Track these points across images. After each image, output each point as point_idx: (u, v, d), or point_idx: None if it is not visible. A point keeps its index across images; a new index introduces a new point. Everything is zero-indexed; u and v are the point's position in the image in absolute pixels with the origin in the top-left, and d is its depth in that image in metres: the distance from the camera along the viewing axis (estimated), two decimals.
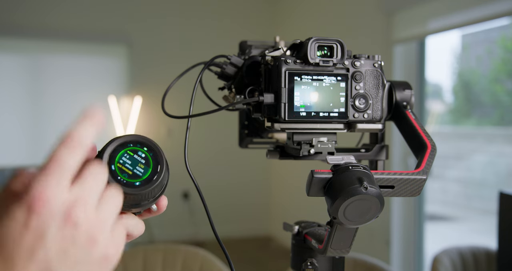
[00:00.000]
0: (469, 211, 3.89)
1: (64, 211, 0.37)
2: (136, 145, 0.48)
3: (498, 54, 3.35)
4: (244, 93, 0.67)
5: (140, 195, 0.47)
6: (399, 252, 3.04)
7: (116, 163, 0.47)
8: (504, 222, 1.57)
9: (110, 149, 0.47)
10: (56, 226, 0.37)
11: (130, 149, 0.48)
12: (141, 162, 0.48)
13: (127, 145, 0.48)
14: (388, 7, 2.98)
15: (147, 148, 0.49)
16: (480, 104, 3.57)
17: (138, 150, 0.48)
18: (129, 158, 0.47)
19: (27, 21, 4.16)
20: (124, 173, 0.47)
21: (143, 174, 0.47)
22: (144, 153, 0.48)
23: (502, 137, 3.36)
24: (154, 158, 0.48)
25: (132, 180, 0.47)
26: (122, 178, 0.47)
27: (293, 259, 0.75)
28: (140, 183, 0.47)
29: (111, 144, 0.48)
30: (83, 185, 0.40)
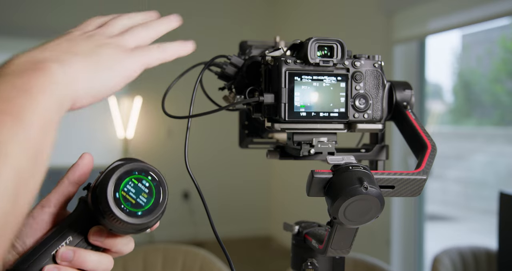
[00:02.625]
0: (469, 211, 3.89)
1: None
2: (141, 173, 0.48)
3: (498, 54, 3.35)
4: (244, 93, 0.67)
5: (140, 225, 0.47)
6: (399, 252, 3.04)
7: (120, 190, 0.47)
8: (504, 222, 1.57)
9: (116, 176, 0.47)
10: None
11: (135, 177, 0.48)
12: (144, 191, 0.48)
13: (132, 173, 0.48)
14: (388, 7, 2.98)
15: (151, 177, 0.49)
16: (480, 104, 3.57)
17: (143, 179, 0.48)
18: (133, 186, 0.48)
19: (27, 22, 4.16)
20: (127, 201, 0.47)
21: (145, 204, 0.48)
22: (148, 182, 0.49)
23: (502, 137, 3.36)
24: (157, 188, 0.49)
25: (134, 210, 0.47)
26: (125, 207, 0.47)
27: (293, 259, 0.75)
28: (142, 213, 0.47)
29: (117, 170, 0.47)
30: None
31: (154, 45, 0.50)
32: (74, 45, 0.44)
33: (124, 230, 0.48)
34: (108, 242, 0.49)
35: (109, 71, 0.45)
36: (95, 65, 0.44)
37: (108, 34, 0.49)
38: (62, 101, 0.40)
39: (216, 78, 0.76)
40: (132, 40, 0.50)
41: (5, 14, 4.12)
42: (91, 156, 0.52)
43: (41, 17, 4.20)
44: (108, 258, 0.50)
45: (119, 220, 0.46)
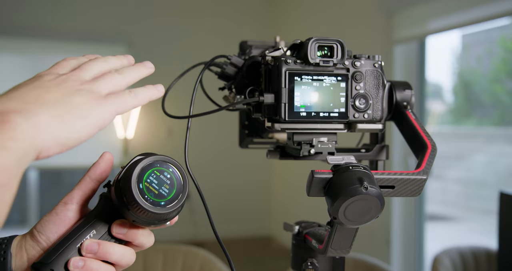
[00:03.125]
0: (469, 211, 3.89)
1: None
2: (163, 166, 0.51)
3: (498, 54, 3.35)
4: (244, 93, 0.67)
5: (164, 214, 0.49)
6: (399, 252, 3.04)
7: (144, 181, 0.49)
8: (504, 222, 1.57)
9: (139, 168, 0.49)
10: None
11: (157, 169, 0.50)
12: (166, 182, 0.50)
13: (154, 165, 0.50)
14: (388, 7, 2.98)
15: (172, 169, 0.51)
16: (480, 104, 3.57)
17: (164, 171, 0.51)
18: (156, 178, 0.50)
19: (27, 22, 4.16)
20: (151, 192, 0.49)
21: (168, 194, 0.50)
22: (169, 174, 0.51)
23: (503, 137, 3.36)
24: (178, 180, 0.51)
25: (158, 199, 0.49)
26: (149, 197, 0.49)
27: (293, 259, 0.75)
28: (165, 203, 0.50)
29: (140, 163, 0.50)
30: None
31: (126, 92, 0.49)
32: (43, 93, 0.42)
33: (146, 220, 0.50)
34: (131, 234, 0.51)
35: (79, 121, 0.43)
36: (64, 115, 0.42)
37: (81, 79, 0.47)
38: (24, 155, 0.38)
39: (216, 78, 0.76)
40: (106, 87, 0.48)
41: (5, 14, 4.12)
42: (111, 154, 0.53)
43: (41, 17, 4.20)
44: (131, 251, 0.52)
45: (143, 210, 0.48)
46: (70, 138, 0.42)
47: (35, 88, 0.43)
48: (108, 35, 4.36)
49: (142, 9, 4.48)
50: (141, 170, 0.49)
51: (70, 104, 0.43)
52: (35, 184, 4.33)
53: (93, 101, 0.45)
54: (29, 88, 0.43)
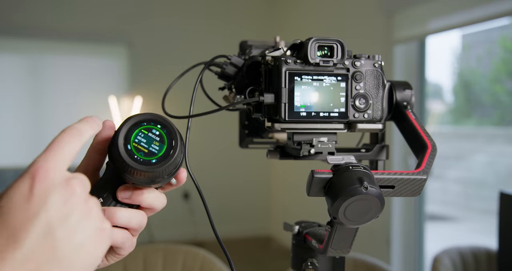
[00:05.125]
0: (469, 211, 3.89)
1: (64, 181, 0.41)
2: (150, 123, 0.50)
3: (498, 54, 3.35)
4: (244, 93, 0.67)
5: (156, 172, 0.48)
6: (399, 252, 3.04)
7: (131, 142, 0.49)
8: (504, 222, 1.57)
9: (125, 129, 0.49)
10: (57, 193, 0.40)
11: (144, 128, 0.50)
12: (155, 139, 0.50)
13: (141, 124, 0.50)
14: (388, 7, 2.98)
15: (160, 125, 0.50)
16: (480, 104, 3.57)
17: (152, 128, 0.50)
18: (144, 137, 0.49)
19: (27, 22, 4.15)
20: (140, 151, 0.49)
21: (158, 151, 0.49)
22: (158, 131, 0.50)
23: (503, 137, 3.36)
24: (168, 135, 0.50)
25: (148, 158, 0.49)
26: (138, 157, 0.48)
27: (293, 259, 0.75)
28: (156, 160, 0.49)
29: (125, 124, 0.49)
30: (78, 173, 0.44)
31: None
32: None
33: (144, 180, 0.49)
34: (135, 197, 0.51)
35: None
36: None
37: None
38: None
39: (216, 78, 0.76)
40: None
41: (5, 14, 4.12)
42: (112, 122, 0.52)
43: (41, 17, 4.20)
44: (140, 213, 0.52)
45: (135, 170, 0.48)
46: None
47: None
48: (108, 35, 4.36)
49: (142, 9, 4.48)
50: (127, 130, 0.49)
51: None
52: None
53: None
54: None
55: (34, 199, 0.39)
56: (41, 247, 0.38)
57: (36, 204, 0.39)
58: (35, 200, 0.39)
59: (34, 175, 0.40)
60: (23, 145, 4.21)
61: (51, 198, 0.39)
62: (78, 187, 0.42)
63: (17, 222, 0.38)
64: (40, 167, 0.40)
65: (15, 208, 0.38)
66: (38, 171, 0.40)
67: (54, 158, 0.41)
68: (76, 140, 0.44)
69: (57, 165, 0.41)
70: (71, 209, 0.40)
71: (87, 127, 0.46)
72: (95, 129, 0.47)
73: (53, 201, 0.39)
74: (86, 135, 0.46)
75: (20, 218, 0.38)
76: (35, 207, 0.39)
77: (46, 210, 0.39)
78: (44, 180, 0.40)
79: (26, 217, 0.38)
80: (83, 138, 0.45)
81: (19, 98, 4.20)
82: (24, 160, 4.17)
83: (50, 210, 0.39)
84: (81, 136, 0.45)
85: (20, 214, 0.38)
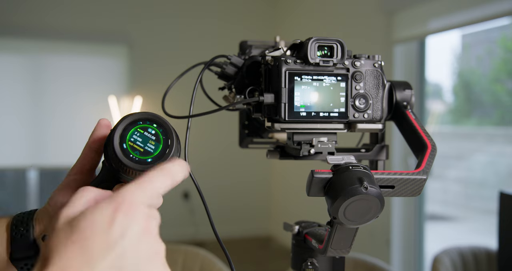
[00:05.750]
0: (469, 211, 3.89)
1: (145, 217, 0.41)
2: (146, 122, 0.50)
3: (498, 54, 3.35)
4: (244, 93, 0.67)
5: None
6: (399, 252, 3.04)
7: (127, 141, 0.48)
8: (504, 222, 1.57)
9: (121, 128, 0.49)
10: (137, 228, 0.40)
11: (140, 127, 0.49)
12: (151, 138, 0.49)
13: (137, 123, 0.49)
14: (388, 7, 2.98)
15: (156, 124, 0.50)
16: (480, 104, 3.57)
17: (148, 127, 0.50)
18: (140, 136, 0.49)
19: (27, 21, 4.16)
20: (135, 150, 0.48)
21: (154, 150, 0.49)
22: (154, 130, 0.50)
23: (503, 136, 3.36)
24: (164, 134, 0.50)
25: (144, 157, 0.49)
26: (134, 156, 0.48)
27: (293, 259, 0.75)
28: (152, 159, 0.49)
29: (121, 123, 0.49)
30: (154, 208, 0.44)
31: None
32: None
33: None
34: None
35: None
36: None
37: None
38: None
39: (216, 78, 0.76)
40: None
41: (5, 14, 4.12)
42: (108, 120, 0.53)
43: (41, 17, 4.20)
44: None
45: (130, 170, 0.48)
46: None
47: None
48: (108, 35, 4.36)
49: (142, 9, 4.48)
50: (123, 130, 0.49)
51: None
52: (35, 184, 4.33)
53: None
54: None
55: (116, 228, 0.38)
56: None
57: (116, 233, 0.38)
58: (116, 229, 0.38)
59: (120, 203, 0.40)
60: (23, 144, 4.21)
61: (131, 231, 0.39)
62: (154, 226, 0.42)
63: (95, 248, 0.38)
64: (127, 197, 0.40)
65: (96, 233, 0.38)
66: (124, 200, 0.40)
67: (142, 192, 0.41)
68: (168, 182, 0.44)
69: (143, 199, 0.41)
70: (144, 246, 0.40)
71: (180, 173, 0.46)
72: (186, 174, 0.47)
73: (132, 235, 0.39)
74: (177, 180, 0.45)
75: (99, 244, 0.38)
76: (115, 236, 0.38)
77: (125, 242, 0.39)
78: (128, 211, 0.39)
79: (104, 245, 0.38)
80: (174, 182, 0.45)
81: (19, 98, 4.20)
82: (24, 160, 4.17)
83: (127, 243, 0.39)
84: (173, 180, 0.44)
85: (100, 240, 0.38)
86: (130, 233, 0.39)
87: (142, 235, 0.40)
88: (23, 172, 4.32)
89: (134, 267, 0.40)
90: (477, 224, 3.80)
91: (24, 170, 4.30)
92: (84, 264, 0.37)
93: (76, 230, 0.38)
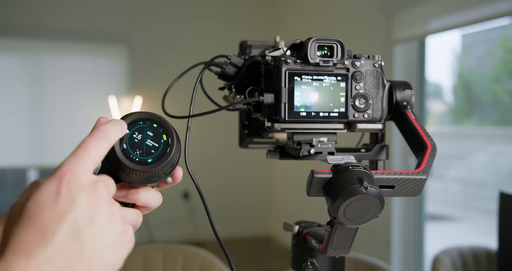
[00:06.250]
0: (469, 211, 3.89)
1: (90, 183, 0.42)
2: (146, 122, 0.50)
3: (498, 54, 3.35)
4: (244, 93, 0.67)
5: (152, 171, 0.48)
6: (399, 252, 3.04)
7: (127, 141, 0.48)
8: (504, 222, 1.57)
9: None
10: (84, 195, 0.41)
11: (141, 127, 0.49)
12: (151, 138, 0.49)
13: (137, 123, 0.49)
14: (388, 7, 2.98)
15: (156, 124, 0.50)
16: (480, 104, 3.57)
17: (148, 127, 0.50)
18: (140, 136, 0.49)
19: (27, 21, 4.16)
20: (136, 150, 0.48)
21: (154, 151, 0.49)
22: (154, 130, 0.50)
23: (503, 136, 3.36)
24: (164, 134, 0.50)
25: (144, 157, 0.49)
26: (134, 156, 0.48)
27: (293, 259, 0.75)
28: (153, 160, 0.49)
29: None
30: (105, 175, 0.45)
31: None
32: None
33: (140, 180, 0.49)
34: (131, 195, 0.51)
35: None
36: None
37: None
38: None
39: (216, 78, 0.76)
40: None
41: (5, 14, 4.12)
42: (106, 119, 0.52)
43: (41, 17, 4.20)
44: (135, 212, 0.51)
45: (131, 170, 0.48)
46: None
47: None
48: (108, 35, 4.36)
49: (142, 9, 4.48)
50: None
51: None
52: None
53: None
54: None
55: (61, 200, 0.40)
56: (68, 246, 0.39)
57: (63, 205, 0.39)
58: (62, 201, 0.40)
59: (61, 177, 0.40)
60: (23, 144, 4.21)
61: (78, 200, 0.40)
62: (103, 190, 0.43)
63: (45, 222, 0.39)
64: (67, 170, 0.41)
65: (43, 208, 0.39)
66: (65, 173, 0.41)
67: (81, 160, 0.42)
68: (104, 143, 0.45)
69: (84, 167, 0.42)
70: (97, 211, 0.41)
71: (114, 130, 0.46)
72: (122, 133, 0.47)
73: (80, 203, 0.40)
74: (113, 138, 0.46)
75: (48, 218, 0.39)
76: (63, 208, 0.39)
77: (74, 211, 0.40)
78: (71, 182, 0.40)
79: (54, 217, 0.39)
80: (110, 141, 0.45)
81: (19, 98, 4.20)
82: (24, 160, 4.17)
83: (77, 211, 0.40)
84: (108, 139, 0.45)
85: (48, 214, 0.39)
86: (79, 202, 0.40)
87: (92, 200, 0.41)
88: (23, 172, 4.32)
89: (93, 233, 0.41)
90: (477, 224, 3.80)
91: (24, 170, 4.30)
92: (39, 239, 0.38)
93: (25, 211, 0.39)
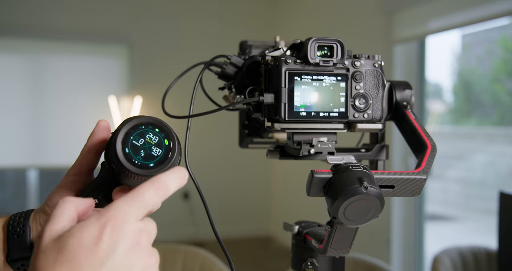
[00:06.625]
0: (469, 211, 3.89)
1: (134, 234, 0.40)
2: (148, 127, 0.50)
3: (498, 54, 3.35)
4: (244, 93, 0.67)
5: (154, 175, 0.48)
6: (399, 252, 3.04)
7: (130, 145, 0.49)
8: (504, 222, 1.57)
9: (123, 133, 0.49)
10: (125, 244, 0.39)
11: (142, 131, 0.49)
12: (153, 143, 0.50)
13: (139, 127, 0.49)
14: (388, 7, 2.98)
15: (158, 128, 0.50)
16: (480, 104, 3.57)
17: (150, 131, 0.50)
18: (142, 140, 0.49)
19: (27, 21, 4.16)
20: (138, 155, 0.49)
21: (156, 155, 0.49)
22: (156, 134, 0.50)
23: (503, 136, 3.36)
24: (165, 139, 0.50)
25: (146, 162, 0.49)
26: (136, 160, 0.48)
27: (293, 259, 0.75)
28: (154, 164, 0.49)
29: (123, 127, 0.49)
30: (150, 219, 0.44)
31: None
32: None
33: (140, 183, 0.48)
34: None
35: None
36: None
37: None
38: None
39: (216, 78, 0.76)
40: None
41: (5, 14, 4.12)
42: (106, 122, 0.52)
43: (41, 17, 4.20)
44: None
45: (132, 174, 0.48)
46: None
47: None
48: (108, 35, 4.36)
49: (142, 9, 4.48)
50: (125, 134, 0.49)
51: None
52: (35, 184, 4.33)
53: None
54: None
55: (104, 245, 0.38)
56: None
57: (104, 251, 0.38)
58: (104, 247, 0.38)
59: (106, 221, 0.39)
60: (23, 144, 4.21)
61: (119, 248, 0.39)
62: (145, 241, 0.41)
63: (84, 268, 0.37)
64: (114, 216, 0.40)
65: (86, 251, 0.38)
66: (111, 218, 0.39)
67: (132, 207, 0.41)
68: (160, 195, 0.43)
69: (133, 214, 0.41)
70: (134, 262, 0.40)
71: (175, 183, 0.45)
72: (181, 184, 0.46)
73: (121, 251, 0.39)
74: (171, 191, 0.44)
75: (88, 264, 0.38)
76: (103, 254, 0.38)
77: (113, 259, 0.39)
78: (115, 229, 0.39)
79: (94, 264, 0.38)
80: (167, 193, 0.44)
81: (19, 98, 4.20)
82: (23, 160, 4.17)
83: (116, 259, 0.39)
84: (166, 191, 0.44)
85: (89, 259, 0.38)
86: (119, 249, 0.39)
87: (133, 250, 0.40)
88: (23, 172, 4.32)
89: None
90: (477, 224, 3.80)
91: (24, 170, 4.30)
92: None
93: (64, 249, 0.38)
